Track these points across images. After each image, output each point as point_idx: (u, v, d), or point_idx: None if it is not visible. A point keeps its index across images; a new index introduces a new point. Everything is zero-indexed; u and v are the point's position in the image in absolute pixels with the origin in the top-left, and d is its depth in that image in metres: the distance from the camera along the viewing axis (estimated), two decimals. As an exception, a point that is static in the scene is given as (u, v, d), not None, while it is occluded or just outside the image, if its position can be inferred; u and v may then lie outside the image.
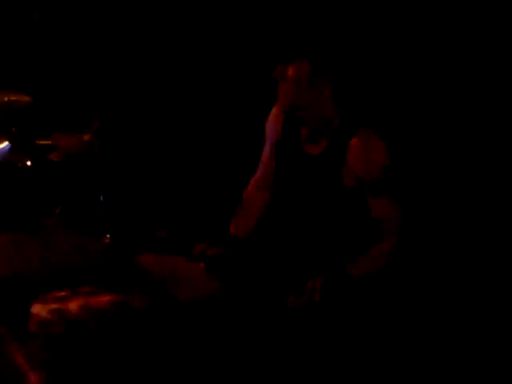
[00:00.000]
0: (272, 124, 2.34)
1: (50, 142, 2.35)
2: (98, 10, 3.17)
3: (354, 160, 2.07)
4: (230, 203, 2.48)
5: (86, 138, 2.43)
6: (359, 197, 2.09)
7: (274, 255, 2.26)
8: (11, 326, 1.25)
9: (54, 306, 1.26)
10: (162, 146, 2.52)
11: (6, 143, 2.25)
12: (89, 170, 2.54)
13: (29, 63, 3.10)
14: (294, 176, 2.25)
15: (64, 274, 1.40)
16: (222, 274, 2.04)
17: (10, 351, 1.18)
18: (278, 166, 2.33)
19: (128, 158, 2.58)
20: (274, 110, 2.33)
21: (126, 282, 1.42)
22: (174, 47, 3.23)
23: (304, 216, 2.23)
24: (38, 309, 1.23)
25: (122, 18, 3.20)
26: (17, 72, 2.95)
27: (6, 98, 2.20)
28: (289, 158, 2.26)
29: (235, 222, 2.41)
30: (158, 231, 2.35)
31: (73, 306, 1.24)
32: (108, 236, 2.31)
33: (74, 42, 3.17)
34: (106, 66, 3.21)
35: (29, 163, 2.34)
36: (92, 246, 1.60)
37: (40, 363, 1.16)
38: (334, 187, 2.11)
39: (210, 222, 2.47)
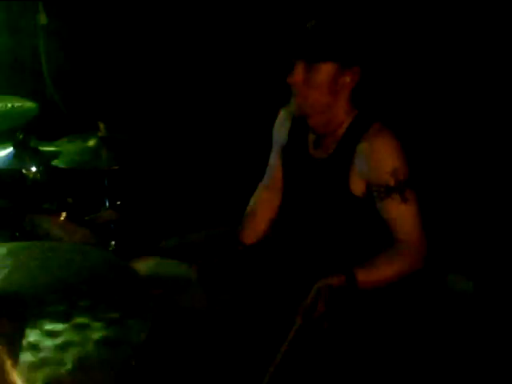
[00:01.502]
0: (279, 128, 2.29)
1: (54, 149, 2.33)
2: (104, 15, 3.15)
3: (362, 165, 2.00)
4: (238, 208, 2.44)
5: (92, 143, 2.41)
6: (368, 201, 2.02)
7: (283, 261, 2.22)
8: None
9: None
10: (168, 151, 2.49)
11: (10, 149, 2.24)
12: (95, 176, 2.52)
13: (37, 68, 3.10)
14: (301, 181, 2.20)
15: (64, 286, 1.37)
16: (212, 283, 2.00)
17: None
18: (285, 170, 2.29)
19: (136, 165, 2.54)
20: (281, 114, 2.28)
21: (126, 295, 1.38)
22: (182, 53, 3.20)
23: (312, 221, 2.19)
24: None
25: (127, 25, 3.18)
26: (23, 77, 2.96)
27: (10, 105, 2.17)
28: (296, 162, 2.21)
29: (243, 227, 2.38)
30: (164, 239, 2.31)
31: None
32: (113, 243, 2.30)
33: (80, 47, 3.16)
34: (111, 71, 3.20)
35: (33, 169, 2.33)
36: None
37: None
38: (342, 192, 2.05)
39: (217, 226, 2.43)
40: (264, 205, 2.39)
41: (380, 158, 1.97)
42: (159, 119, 3.18)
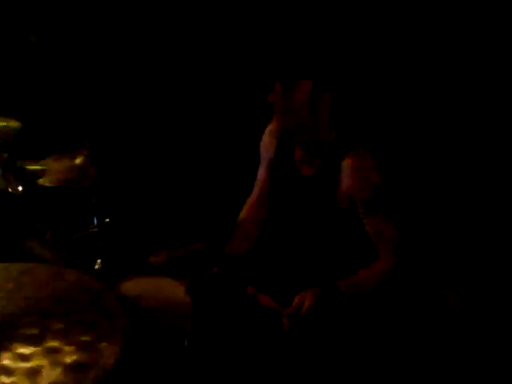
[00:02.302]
0: (266, 144, 2.30)
1: (40, 167, 2.32)
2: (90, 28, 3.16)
3: (347, 180, 2.02)
4: (225, 223, 2.44)
5: (78, 161, 2.40)
6: (355, 216, 2.05)
7: (271, 273, 2.23)
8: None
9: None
10: (155, 168, 2.48)
11: (-5, 169, 2.23)
12: (82, 194, 2.51)
13: (19, 87, 3.10)
14: (288, 196, 2.21)
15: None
16: (201, 296, 2.00)
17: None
18: (272, 185, 2.31)
19: (123, 182, 2.54)
20: (268, 130, 2.30)
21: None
22: (173, 68, 3.21)
23: (300, 236, 2.20)
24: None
25: (114, 33, 3.19)
26: (6, 96, 2.95)
27: (-6, 124, 2.17)
28: (283, 178, 2.23)
29: (231, 243, 2.38)
30: (151, 255, 2.30)
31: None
32: (99, 261, 2.29)
33: (65, 66, 3.16)
34: (97, 88, 3.20)
35: (20, 189, 2.32)
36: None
37: None
38: (329, 207, 2.07)
39: (206, 241, 2.42)
40: (252, 218, 2.40)
41: (363, 175, 2.00)
42: (147, 134, 3.18)
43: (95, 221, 2.49)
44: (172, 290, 2.05)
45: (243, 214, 2.43)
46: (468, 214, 2.77)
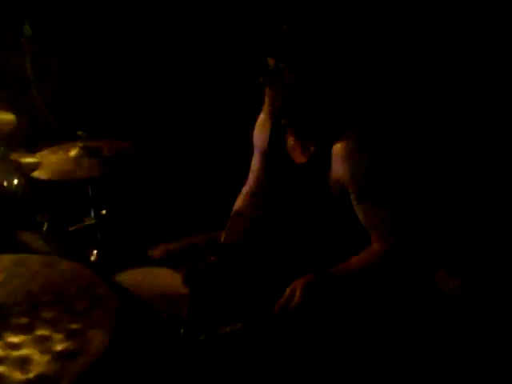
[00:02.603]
0: (259, 133, 2.30)
1: (35, 160, 2.33)
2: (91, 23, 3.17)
3: (337, 168, 2.01)
4: (221, 214, 2.44)
5: (73, 153, 2.41)
6: (347, 204, 2.04)
7: (265, 261, 2.23)
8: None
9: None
10: (152, 159, 2.49)
11: (-10, 163, 2.24)
12: (78, 186, 2.52)
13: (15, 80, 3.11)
14: (282, 184, 2.21)
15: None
16: (198, 288, 2.00)
17: None
18: (267, 174, 2.30)
19: (120, 173, 2.54)
20: (260, 118, 2.30)
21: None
22: (175, 67, 3.22)
23: (294, 224, 2.20)
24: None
25: (116, 32, 3.20)
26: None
27: (-11, 118, 2.18)
28: (277, 166, 2.22)
29: (227, 232, 2.38)
30: (149, 247, 2.31)
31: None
32: (95, 252, 2.30)
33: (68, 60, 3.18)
34: (98, 81, 3.21)
35: (15, 182, 2.33)
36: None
37: None
38: (322, 195, 2.07)
39: (202, 231, 2.43)
40: (248, 208, 2.41)
41: (354, 162, 1.98)
42: (146, 126, 3.19)
43: (92, 213, 2.50)
44: (169, 279, 2.05)
45: (238, 203, 2.43)
46: (468, 197, 2.76)
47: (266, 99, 2.06)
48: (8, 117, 2.22)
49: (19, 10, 3.01)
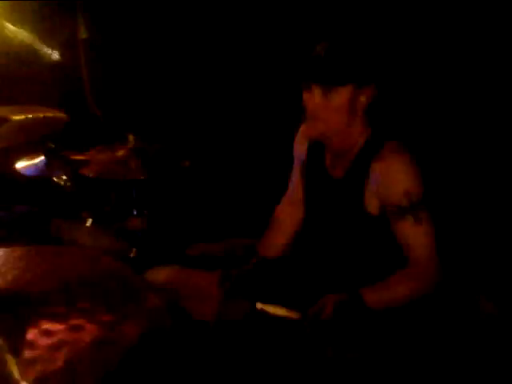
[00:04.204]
0: (299, 144, 2.29)
1: (84, 158, 2.42)
2: (141, 27, 3.25)
3: (376, 184, 1.98)
4: (260, 221, 2.47)
5: (120, 153, 2.49)
6: (383, 219, 2.00)
7: (299, 274, 2.22)
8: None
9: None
10: (195, 162, 2.54)
11: (41, 158, 2.34)
12: (123, 185, 2.60)
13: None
14: (319, 198, 2.21)
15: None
16: (231, 293, 2.03)
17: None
18: (305, 186, 2.31)
19: (164, 175, 2.61)
20: (301, 129, 2.29)
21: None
22: (213, 72, 3.28)
23: (329, 237, 2.20)
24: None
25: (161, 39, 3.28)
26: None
27: (42, 115, 2.27)
28: (314, 180, 2.22)
29: (263, 240, 2.41)
30: (187, 248, 2.36)
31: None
32: (134, 249, 2.37)
33: (119, 59, 3.27)
34: (145, 82, 3.30)
35: (64, 177, 2.42)
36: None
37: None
38: (357, 210, 2.04)
39: (239, 238, 2.47)
40: (286, 219, 2.41)
41: (393, 179, 1.95)
42: (187, 130, 3.26)
43: (134, 212, 2.58)
44: (203, 280, 2.09)
45: (277, 212, 2.44)
46: (503, 219, 2.72)
47: (307, 121, 2.05)
48: (60, 115, 2.29)
49: (75, 10, 3.12)
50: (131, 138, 2.48)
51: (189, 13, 3.20)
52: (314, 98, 1.95)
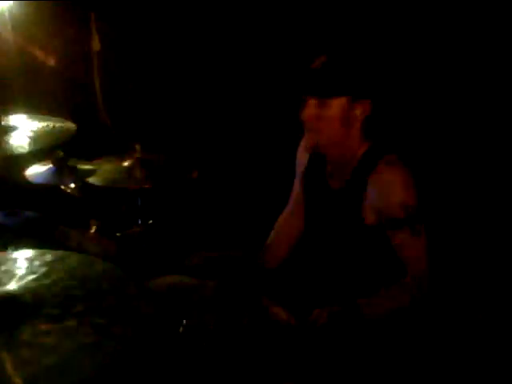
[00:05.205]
0: (301, 155, 2.35)
1: (91, 167, 2.48)
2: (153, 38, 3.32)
3: (373, 196, 2.02)
4: (262, 231, 2.51)
5: (127, 163, 2.55)
6: (381, 232, 2.04)
7: (299, 284, 2.26)
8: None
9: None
10: (199, 173, 2.60)
11: (50, 166, 2.41)
12: (128, 194, 2.65)
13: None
14: (319, 208, 2.25)
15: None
16: (228, 303, 2.05)
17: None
18: (305, 197, 2.35)
19: (168, 185, 2.67)
20: (302, 142, 2.33)
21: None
22: (221, 82, 3.33)
23: (328, 248, 2.23)
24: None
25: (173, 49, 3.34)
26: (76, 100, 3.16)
27: (52, 125, 2.34)
28: (314, 191, 2.27)
29: (264, 251, 2.45)
30: (186, 257, 2.40)
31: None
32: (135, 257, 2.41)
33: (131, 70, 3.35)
34: (155, 94, 3.37)
35: (72, 185, 2.49)
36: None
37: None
38: (355, 221, 2.08)
39: (239, 248, 2.51)
40: (287, 230, 2.45)
41: (390, 191, 1.99)
42: (196, 142, 3.31)
43: (139, 222, 2.64)
44: (199, 288, 2.12)
45: (279, 223, 2.48)
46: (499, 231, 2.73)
47: (309, 133, 2.11)
48: (69, 125, 2.36)
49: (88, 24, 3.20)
50: (138, 147, 2.55)
51: (198, 28, 3.27)
52: (309, 110, 2.02)
